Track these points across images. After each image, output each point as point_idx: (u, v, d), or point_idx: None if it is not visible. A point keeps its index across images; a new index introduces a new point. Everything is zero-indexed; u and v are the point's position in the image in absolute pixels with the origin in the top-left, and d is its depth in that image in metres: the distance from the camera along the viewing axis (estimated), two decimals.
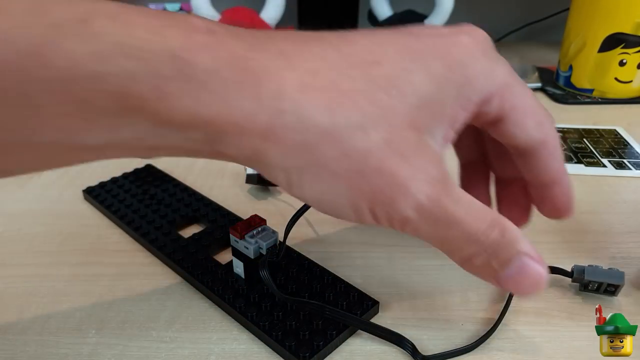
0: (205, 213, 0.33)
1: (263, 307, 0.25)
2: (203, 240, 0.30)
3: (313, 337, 0.23)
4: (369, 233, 0.32)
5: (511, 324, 0.25)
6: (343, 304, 0.25)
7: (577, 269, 0.26)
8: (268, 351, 0.24)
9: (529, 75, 0.59)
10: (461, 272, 0.28)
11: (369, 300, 0.25)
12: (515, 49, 0.75)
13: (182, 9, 0.70)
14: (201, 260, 0.28)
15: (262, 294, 0.25)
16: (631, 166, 0.41)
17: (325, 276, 0.27)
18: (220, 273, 0.27)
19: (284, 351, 0.23)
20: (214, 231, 0.31)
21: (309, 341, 0.23)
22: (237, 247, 0.26)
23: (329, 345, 0.23)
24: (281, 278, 0.27)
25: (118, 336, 0.24)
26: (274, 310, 0.24)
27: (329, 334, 0.23)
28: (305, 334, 0.23)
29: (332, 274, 0.27)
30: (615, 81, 0.52)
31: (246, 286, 0.26)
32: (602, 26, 0.51)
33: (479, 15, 0.80)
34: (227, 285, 0.26)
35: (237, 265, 0.26)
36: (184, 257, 0.28)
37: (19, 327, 0.25)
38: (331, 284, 0.26)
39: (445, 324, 0.25)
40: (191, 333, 0.25)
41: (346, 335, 0.24)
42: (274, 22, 0.64)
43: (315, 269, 0.27)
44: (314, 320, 0.24)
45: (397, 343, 0.23)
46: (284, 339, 0.23)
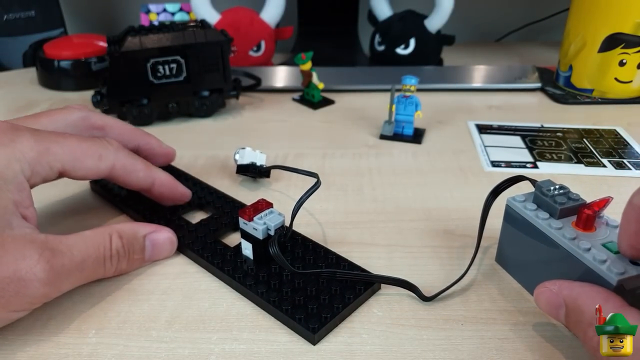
0: (210, 200, 0.34)
1: (272, 284, 0.26)
2: (211, 225, 0.31)
3: (321, 309, 0.24)
4: (369, 233, 0.32)
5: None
6: (348, 281, 0.26)
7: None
8: (267, 347, 0.24)
9: (529, 75, 0.59)
10: (460, 272, 0.28)
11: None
12: (515, 49, 0.75)
13: (182, 9, 0.70)
14: (210, 243, 0.30)
15: (271, 273, 0.27)
16: (631, 166, 0.41)
17: (329, 256, 0.28)
18: (229, 255, 0.29)
19: (295, 324, 0.24)
20: (221, 217, 0.32)
21: (317, 314, 0.24)
22: (245, 229, 0.27)
23: (336, 318, 0.24)
24: (288, 258, 0.28)
25: (118, 336, 0.24)
26: (282, 287, 0.26)
27: (335, 307, 0.25)
28: (314, 308, 0.24)
29: (335, 253, 0.29)
30: (615, 81, 0.52)
31: (255, 266, 0.27)
32: (602, 26, 0.51)
33: (479, 15, 0.80)
34: (237, 265, 0.28)
35: (246, 247, 0.28)
36: (194, 241, 0.30)
37: (19, 327, 0.25)
38: (335, 263, 0.28)
39: (445, 324, 0.25)
40: (191, 333, 0.25)
41: (352, 308, 0.25)
42: (274, 22, 0.64)
43: (320, 249, 0.29)
44: (321, 296, 0.25)
45: (409, 288, 0.26)
46: (294, 312, 0.24)
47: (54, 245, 0.23)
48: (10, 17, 0.57)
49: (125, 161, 0.29)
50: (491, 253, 0.30)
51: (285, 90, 0.57)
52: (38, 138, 0.25)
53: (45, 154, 0.25)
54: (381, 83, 0.56)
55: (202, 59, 0.47)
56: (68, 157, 0.26)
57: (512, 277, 0.28)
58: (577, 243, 0.23)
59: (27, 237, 0.23)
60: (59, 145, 0.26)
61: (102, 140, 0.28)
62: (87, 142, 0.27)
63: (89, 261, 0.25)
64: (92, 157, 0.27)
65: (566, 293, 0.22)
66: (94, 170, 0.28)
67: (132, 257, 0.28)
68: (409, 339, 0.24)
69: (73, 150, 0.26)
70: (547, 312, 0.23)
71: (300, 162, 0.42)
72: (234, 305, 0.26)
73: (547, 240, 0.24)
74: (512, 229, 0.27)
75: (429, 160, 0.42)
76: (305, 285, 0.26)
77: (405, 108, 0.44)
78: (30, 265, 0.22)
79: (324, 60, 0.58)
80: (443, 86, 0.58)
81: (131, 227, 0.28)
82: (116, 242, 0.26)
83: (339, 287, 0.26)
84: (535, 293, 0.23)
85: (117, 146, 0.29)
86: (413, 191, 0.37)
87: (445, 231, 0.32)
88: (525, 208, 0.25)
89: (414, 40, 0.62)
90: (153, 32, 0.45)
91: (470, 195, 0.36)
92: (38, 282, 0.22)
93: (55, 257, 0.23)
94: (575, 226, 0.24)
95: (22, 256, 0.22)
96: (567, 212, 0.25)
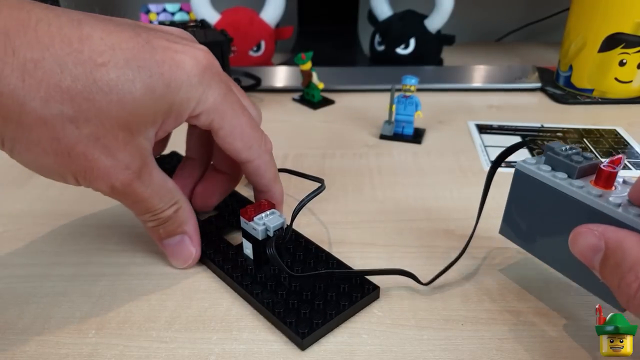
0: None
1: (268, 286, 0.26)
2: (217, 221, 0.32)
3: (313, 315, 0.24)
4: (369, 233, 0.32)
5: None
6: (345, 287, 0.26)
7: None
8: (267, 347, 0.24)
9: (529, 75, 0.59)
10: (460, 272, 0.28)
11: (369, 284, 0.26)
12: (515, 49, 0.75)
13: (182, 9, 0.70)
14: (214, 240, 0.30)
15: (269, 275, 0.27)
16: (631, 166, 0.41)
17: (330, 260, 0.28)
18: (230, 253, 0.29)
19: (285, 327, 0.24)
20: (228, 214, 0.32)
21: (308, 319, 0.24)
22: (246, 229, 0.27)
23: (327, 324, 0.24)
24: (288, 260, 0.28)
25: (118, 336, 0.24)
26: (278, 289, 0.26)
27: (328, 314, 0.24)
28: (306, 312, 0.24)
29: (336, 258, 0.28)
30: (615, 81, 0.52)
31: (254, 266, 0.27)
32: (602, 26, 0.50)
33: (479, 15, 0.80)
34: (237, 264, 0.28)
35: (247, 246, 0.28)
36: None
37: (19, 327, 0.25)
38: (336, 268, 0.28)
39: (445, 324, 0.25)
40: (191, 333, 0.25)
41: (347, 315, 0.25)
42: (274, 22, 0.64)
43: (322, 253, 0.29)
44: (315, 301, 0.25)
45: (406, 275, 0.27)
46: (285, 315, 0.24)
47: (145, 173, 0.24)
48: None
49: (262, 164, 0.28)
50: (491, 256, 0.30)
51: (285, 90, 0.57)
52: (226, 98, 0.25)
53: (215, 112, 0.25)
54: (381, 83, 0.56)
55: None
56: (225, 132, 0.26)
57: (511, 277, 0.28)
58: (607, 199, 0.21)
59: (142, 151, 0.24)
60: (230, 117, 0.26)
61: (262, 138, 0.28)
62: (254, 128, 0.27)
63: (143, 204, 0.25)
64: (244, 143, 0.27)
65: (611, 235, 0.20)
66: (232, 153, 0.27)
67: (158, 227, 0.27)
68: (409, 339, 0.24)
69: (235, 130, 0.26)
70: (581, 255, 0.21)
71: (300, 162, 0.42)
72: (234, 306, 0.26)
73: (570, 200, 0.23)
74: (523, 195, 0.26)
75: (429, 160, 0.42)
76: (301, 288, 0.26)
77: (405, 108, 0.44)
78: (117, 170, 0.23)
79: (324, 60, 0.58)
80: (443, 86, 0.58)
81: (187, 215, 0.28)
82: (170, 212, 0.26)
83: (336, 292, 0.25)
84: (573, 235, 0.21)
85: (268, 149, 0.29)
86: (413, 191, 0.37)
87: (446, 231, 0.32)
88: (540, 170, 0.24)
89: (414, 40, 0.62)
90: None
91: (471, 195, 0.36)
92: (107, 183, 0.23)
93: (135, 181, 0.24)
94: (595, 184, 0.23)
95: (124, 161, 0.23)
96: (585, 171, 0.23)
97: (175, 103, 0.24)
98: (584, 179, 0.23)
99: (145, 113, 0.23)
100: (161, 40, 0.23)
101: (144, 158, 0.24)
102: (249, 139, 0.27)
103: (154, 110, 0.23)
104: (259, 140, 0.28)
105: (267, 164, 0.29)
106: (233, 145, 0.27)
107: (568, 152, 0.24)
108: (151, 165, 0.25)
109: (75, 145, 0.21)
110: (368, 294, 0.26)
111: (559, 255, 0.24)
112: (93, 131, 0.22)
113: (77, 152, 0.22)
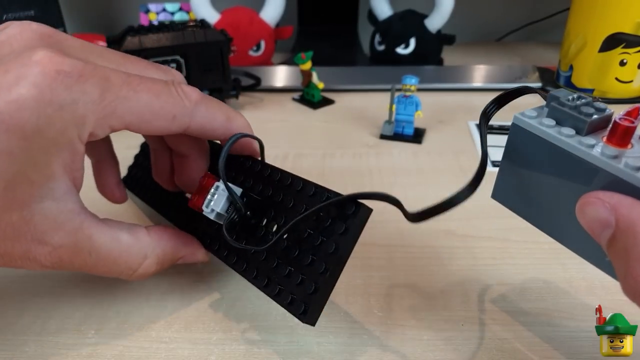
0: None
1: (257, 269, 0.23)
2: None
3: (306, 284, 0.21)
4: (369, 233, 0.32)
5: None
6: (329, 222, 0.22)
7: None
8: (267, 348, 0.24)
9: (529, 75, 0.59)
10: (462, 273, 0.28)
11: (353, 206, 0.22)
12: (515, 49, 0.75)
13: (182, 8, 0.70)
14: (196, 215, 0.26)
15: (253, 253, 0.24)
16: None
17: (302, 189, 0.23)
18: (212, 230, 0.26)
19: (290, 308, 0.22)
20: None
21: (303, 294, 0.21)
22: (206, 215, 0.24)
23: (325, 288, 0.21)
24: (262, 224, 0.24)
25: (118, 336, 0.24)
26: (267, 264, 0.23)
27: (325, 270, 0.21)
28: (301, 281, 0.21)
29: (302, 180, 0.24)
30: (616, 81, 0.52)
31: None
32: (602, 26, 0.50)
33: (479, 15, 0.80)
34: (221, 244, 0.25)
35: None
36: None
37: (18, 327, 0.25)
38: (312, 194, 0.23)
39: (445, 324, 0.25)
40: (191, 334, 0.25)
41: (341, 259, 0.21)
42: (274, 21, 0.64)
43: (283, 188, 0.24)
44: (303, 259, 0.22)
45: (391, 202, 0.22)
46: (283, 298, 0.22)
47: (80, 240, 0.21)
48: (10, 16, 0.57)
49: (203, 121, 0.24)
50: (491, 256, 0.30)
51: (285, 90, 0.57)
52: (106, 94, 0.20)
53: (110, 116, 0.20)
54: (381, 83, 0.56)
55: (202, 58, 0.47)
56: (135, 119, 0.21)
57: (511, 277, 0.28)
58: (624, 162, 0.17)
59: (58, 217, 0.20)
60: (129, 104, 0.21)
61: (180, 97, 0.23)
62: (162, 97, 0.22)
63: (106, 269, 0.23)
64: (165, 118, 0.22)
65: (624, 212, 0.17)
66: (162, 131, 0.23)
67: (159, 269, 0.25)
68: (409, 340, 0.24)
69: (143, 111, 0.21)
70: (589, 228, 0.18)
71: (300, 162, 0.42)
72: (234, 306, 0.26)
73: (578, 162, 0.19)
74: (521, 153, 0.22)
75: (429, 160, 0.42)
76: (287, 253, 0.22)
77: (406, 108, 0.44)
78: (42, 254, 0.20)
79: (324, 60, 0.58)
80: (443, 86, 0.58)
81: (172, 251, 0.25)
82: (147, 267, 0.24)
83: (320, 234, 0.22)
84: (582, 202, 0.18)
85: (196, 101, 0.23)
86: (413, 191, 0.37)
87: (446, 231, 0.32)
88: (542, 124, 0.20)
89: (414, 40, 0.62)
90: (152, 32, 0.45)
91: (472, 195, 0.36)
92: (40, 267, 0.21)
93: (73, 256, 0.21)
94: (608, 142, 0.19)
95: (40, 241, 0.20)
96: (596, 125, 0.19)
97: (44, 144, 0.19)
98: (594, 134, 0.19)
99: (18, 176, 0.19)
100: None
101: (65, 223, 0.20)
102: (163, 113, 0.22)
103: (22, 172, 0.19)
104: (174, 105, 0.22)
105: (205, 116, 0.24)
106: (157, 131, 0.22)
107: (576, 103, 0.20)
108: (86, 226, 0.21)
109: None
110: (356, 215, 0.21)
111: (561, 225, 0.21)
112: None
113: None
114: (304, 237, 0.22)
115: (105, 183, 0.30)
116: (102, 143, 0.29)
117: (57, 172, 0.20)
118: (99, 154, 0.29)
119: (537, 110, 0.21)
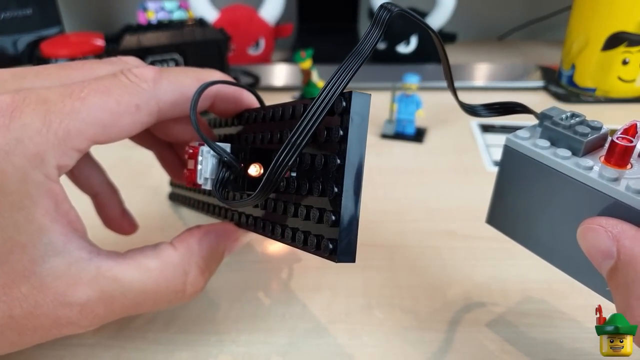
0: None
1: (270, 223, 0.21)
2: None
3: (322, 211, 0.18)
4: (369, 233, 0.32)
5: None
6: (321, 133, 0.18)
7: None
8: (265, 349, 0.23)
9: (531, 74, 0.59)
10: (462, 273, 0.28)
11: (340, 103, 0.19)
12: (517, 48, 0.75)
13: (181, 7, 0.69)
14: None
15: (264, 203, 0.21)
16: None
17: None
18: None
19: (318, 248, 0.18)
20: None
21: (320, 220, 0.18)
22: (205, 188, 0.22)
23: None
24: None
25: (115, 338, 0.24)
26: (275, 213, 0.20)
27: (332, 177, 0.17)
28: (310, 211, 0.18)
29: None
30: (618, 80, 0.52)
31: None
32: (604, 25, 0.50)
33: (481, 13, 0.80)
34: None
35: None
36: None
37: None
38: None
39: (446, 325, 0.25)
40: (189, 335, 0.24)
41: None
42: (273, 20, 0.63)
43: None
44: (310, 184, 0.18)
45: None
46: (305, 239, 0.18)
47: (106, 286, 0.18)
48: (7, 15, 0.57)
49: (171, 95, 0.21)
50: (492, 256, 0.30)
51: (284, 89, 0.57)
52: (49, 116, 0.17)
53: (66, 139, 0.18)
54: (382, 81, 0.55)
55: (201, 57, 0.46)
56: (96, 128, 0.19)
57: (513, 278, 0.28)
58: (625, 184, 0.17)
59: (69, 272, 0.18)
60: (80, 116, 0.18)
61: (134, 83, 0.20)
62: (114, 92, 0.19)
63: (153, 302, 0.20)
64: (128, 112, 0.20)
65: (627, 244, 0.16)
66: (134, 128, 0.20)
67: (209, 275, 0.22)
68: (410, 341, 0.24)
69: (99, 116, 0.19)
70: (589, 255, 0.17)
71: None
72: (233, 307, 0.26)
73: (576, 185, 0.18)
74: (515, 176, 0.21)
75: (430, 159, 0.42)
76: (297, 191, 0.19)
77: (407, 107, 0.44)
78: (73, 316, 0.18)
79: (324, 58, 0.57)
80: (445, 85, 0.57)
81: (210, 253, 0.22)
82: (195, 283, 0.21)
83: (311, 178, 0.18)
84: (584, 228, 0.17)
85: (153, 79, 0.21)
86: (414, 191, 0.37)
87: (447, 231, 0.32)
88: (536, 146, 0.19)
89: (415, 38, 0.62)
90: (151, 30, 0.45)
91: (473, 195, 0.36)
92: (83, 328, 0.19)
93: (108, 305, 0.19)
94: (607, 162, 0.18)
95: (64, 304, 0.18)
96: (593, 145, 0.19)
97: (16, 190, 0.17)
98: (591, 154, 0.19)
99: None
100: None
101: (80, 274, 0.18)
102: (123, 108, 0.20)
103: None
104: (131, 94, 0.20)
105: (172, 90, 0.21)
106: (128, 130, 0.20)
107: (570, 122, 0.19)
108: (106, 269, 0.19)
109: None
110: (349, 110, 0.18)
111: (561, 251, 0.20)
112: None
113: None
114: (308, 167, 0.19)
115: (108, 217, 0.27)
116: (92, 175, 0.27)
117: (44, 224, 0.17)
118: (92, 187, 0.27)
119: (529, 131, 0.21)
